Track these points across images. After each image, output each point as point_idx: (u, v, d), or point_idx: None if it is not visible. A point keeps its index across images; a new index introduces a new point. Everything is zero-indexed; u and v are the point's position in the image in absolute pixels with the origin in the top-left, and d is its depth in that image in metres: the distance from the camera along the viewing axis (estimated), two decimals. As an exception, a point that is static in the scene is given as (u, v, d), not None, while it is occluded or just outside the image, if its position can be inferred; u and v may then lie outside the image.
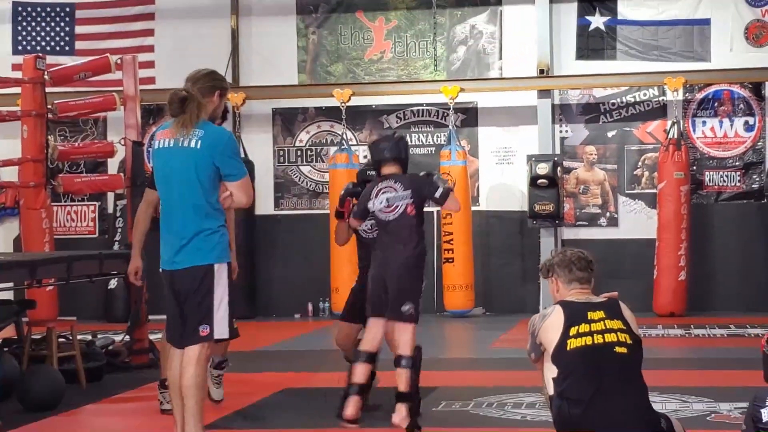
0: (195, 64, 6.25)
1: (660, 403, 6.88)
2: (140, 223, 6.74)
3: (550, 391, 4.97)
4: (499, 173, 14.17)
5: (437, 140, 14.20)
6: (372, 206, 6.42)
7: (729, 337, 10.87)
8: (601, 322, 4.84)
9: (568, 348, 4.88)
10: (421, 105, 14.34)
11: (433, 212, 13.69)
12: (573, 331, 4.88)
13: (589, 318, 4.88)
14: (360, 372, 6.32)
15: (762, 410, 4.49)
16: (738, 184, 13.68)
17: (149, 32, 14.70)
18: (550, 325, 4.98)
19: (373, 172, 6.74)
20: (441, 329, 12.64)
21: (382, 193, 6.41)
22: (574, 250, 5.20)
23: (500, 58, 14.28)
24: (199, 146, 5.44)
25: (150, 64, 14.28)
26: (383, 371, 6.75)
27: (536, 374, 8.55)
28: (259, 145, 14.30)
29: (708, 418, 6.63)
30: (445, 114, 14.00)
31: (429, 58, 14.45)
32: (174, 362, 5.51)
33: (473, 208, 13.78)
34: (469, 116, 14.26)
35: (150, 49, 14.58)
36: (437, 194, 6.42)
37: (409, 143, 14.08)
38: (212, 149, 5.45)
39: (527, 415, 6.87)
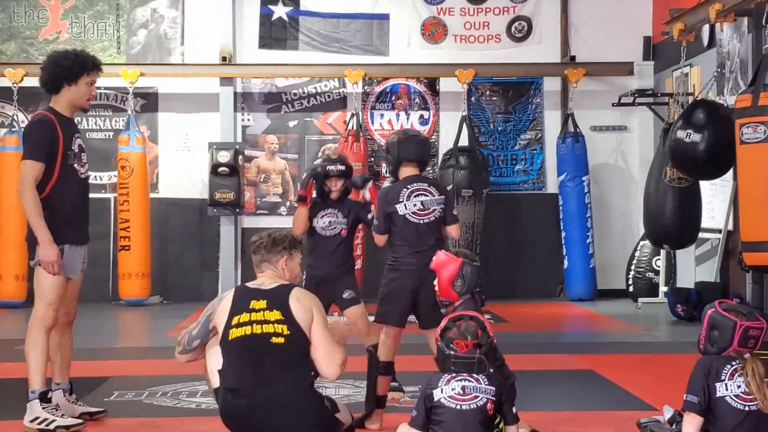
0: None
1: (333, 388, 6.95)
2: None
3: (215, 383, 4.90)
4: (180, 160, 13.95)
5: (116, 125, 13.79)
6: (402, 209, 6.08)
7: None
8: (261, 312, 4.83)
9: (229, 338, 4.86)
10: (99, 88, 13.80)
11: (110, 198, 13.31)
12: (235, 320, 4.87)
13: (251, 307, 4.88)
14: (383, 384, 6.08)
15: (434, 391, 4.60)
16: (413, 175, 14.09)
17: None
18: (223, 308, 4.94)
19: (334, 167, 6.81)
20: (115, 318, 12.30)
21: (415, 196, 6.11)
22: (273, 230, 5.21)
23: (182, 44, 14.06)
24: None
25: None
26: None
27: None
28: None
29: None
30: (125, 98, 13.62)
31: (108, 40, 14.02)
32: None
33: (152, 195, 13.49)
34: (150, 101, 13.95)
35: None
36: (455, 212, 6.29)
37: (86, 128, 13.71)
38: None
39: (202, 403, 6.76)
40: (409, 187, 6.14)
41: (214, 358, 4.92)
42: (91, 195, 6.47)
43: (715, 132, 9.73)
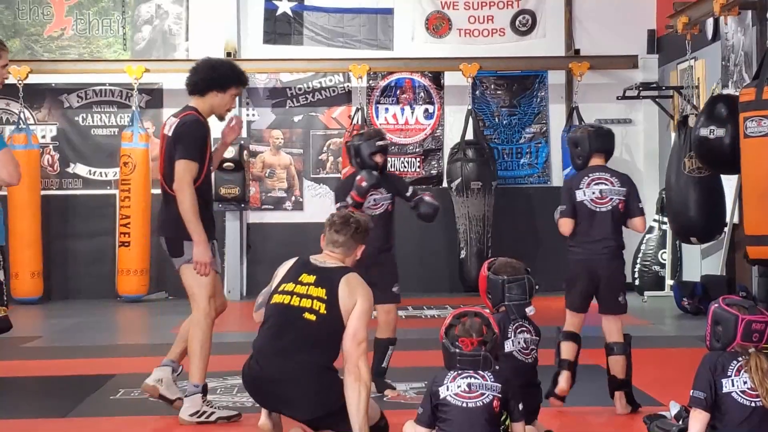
0: None
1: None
2: None
3: None
4: (185, 156, 13.93)
5: (120, 121, 13.79)
6: (581, 195, 6.41)
7: (407, 318, 11.18)
8: (307, 287, 4.92)
9: (271, 302, 5.03)
10: (104, 85, 13.88)
11: (114, 194, 13.29)
12: (282, 287, 5.01)
13: (299, 279, 4.98)
14: (566, 349, 6.46)
15: (440, 388, 4.61)
16: (418, 169, 14.12)
17: None
18: (280, 273, 5.17)
19: (383, 142, 6.92)
20: (119, 315, 12.32)
21: (595, 184, 6.39)
22: (343, 212, 5.32)
23: (187, 40, 14.06)
24: None
25: None
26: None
27: (217, 359, 8.47)
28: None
29: (384, 399, 6.75)
30: (129, 94, 13.63)
31: (113, 36, 14.01)
32: None
33: (155, 191, 13.46)
34: (155, 97, 13.95)
35: None
36: (640, 205, 6.51)
37: (91, 123, 13.72)
38: None
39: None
40: (590, 175, 6.43)
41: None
42: (97, 191, 6.50)
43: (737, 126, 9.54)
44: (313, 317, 4.87)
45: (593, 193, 6.39)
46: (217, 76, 6.29)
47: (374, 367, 6.50)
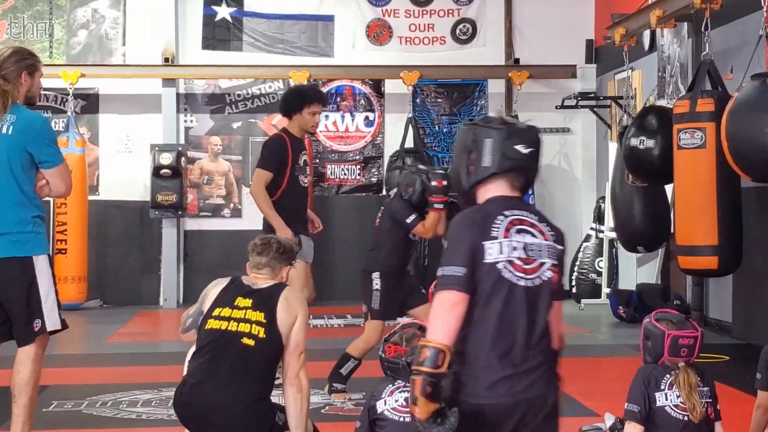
0: None
1: (275, 397, 6.89)
2: None
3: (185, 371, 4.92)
4: (121, 162, 13.81)
5: (56, 127, 13.56)
6: None
7: (346, 327, 11.16)
8: (244, 311, 4.82)
9: (205, 327, 4.86)
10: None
11: (49, 201, 13.09)
12: (216, 311, 4.86)
13: (235, 303, 4.85)
14: None
15: (377, 402, 4.57)
16: (358, 177, 14.11)
17: None
18: (213, 295, 4.97)
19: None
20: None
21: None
22: (264, 235, 5.20)
23: (124, 44, 13.91)
24: (10, 132, 5.16)
25: None
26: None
27: (152, 370, 8.37)
28: None
29: (323, 411, 6.72)
30: (64, 100, 13.46)
31: (48, 40, 13.84)
32: None
33: (91, 198, 13.34)
34: (90, 103, 13.79)
35: None
36: None
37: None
38: (25, 135, 5.18)
39: (143, 413, 6.68)
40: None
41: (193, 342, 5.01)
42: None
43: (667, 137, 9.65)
44: (251, 342, 4.80)
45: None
46: (291, 102, 7.58)
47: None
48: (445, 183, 6.95)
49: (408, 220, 7.12)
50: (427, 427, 3.16)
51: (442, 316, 3.24)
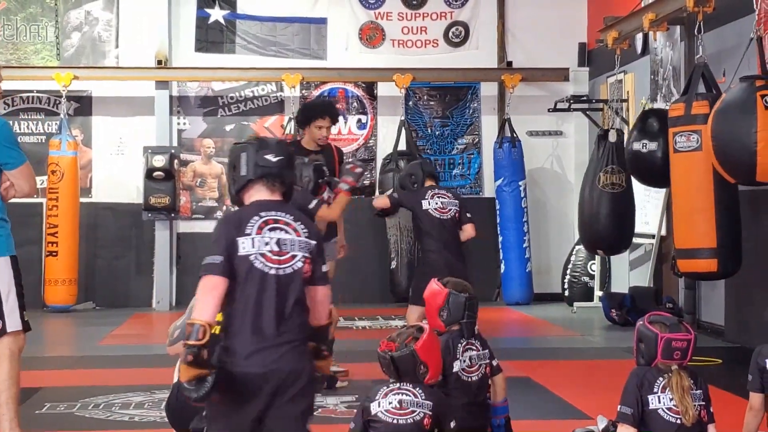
0: None
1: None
2: None
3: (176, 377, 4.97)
4: (114, 164, 13.80)
5: (48, 129, 13.60)
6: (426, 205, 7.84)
7: (337, 330, 11.12)
8: None
9: None
10: (32, 92, 13.68)
11: (36, 204, 13.06)
12: None
13: None
14: None
15: (371, 404, 4.58)
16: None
17: None
18: None
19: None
20: (45, 325, 12.09)
21: (438, 197, 7.93)
22: None
23: (117, 47, 13.90)
24: None
25: None
26: None
27: (145, 372, 8.37)
28: None
29: (315, 413, 6.70)
30: (58, 102, 13.44)
31: (41, 43, 13.82)
32: None
33: (84, 200, 13.31)
34: (83, 105, 13.77)
35: None
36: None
37: (18, 131, 13.49)
38: None
39: (135, 415, 6.68)
40: (431, 191, 7.95)
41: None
42: (23, 200, 6.47)
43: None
44: None
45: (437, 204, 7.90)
46: (298, 117, 8.24)
47: None
48: (358, 169, 7.57)
49: (310, 206, 7.28)
50: (185, 388, 3.78)
51: (204, 297, 3.85)
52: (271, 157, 4.05)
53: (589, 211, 11.08)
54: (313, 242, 4.01)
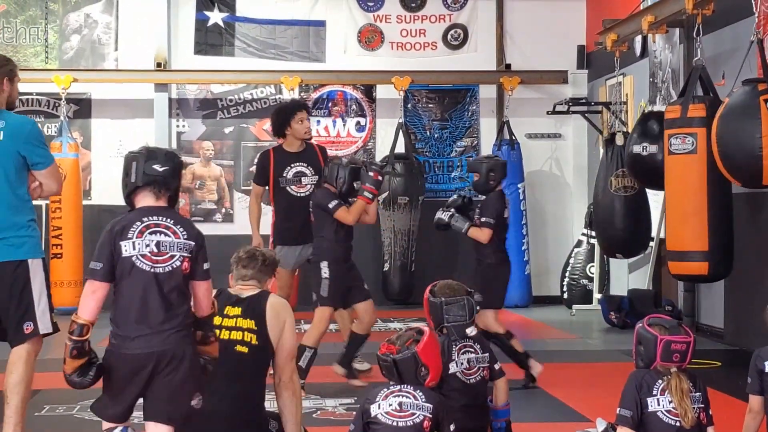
0: None
1: (267, 402, 6.90)
2: None
3: None
4: (114, 167, 13.78)
5: (48, 131, 13.58)
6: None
7: (336, 332, 11.13)
8: (234, 319, 4.88)
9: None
10: (31, 94, 13.69)
11: (42, 205, 13.08)
12: None
13: (224, 312, 4.94)
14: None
15: (371, 406, 4.59)
16: (349, 182, 14.09)
17: None
18: None
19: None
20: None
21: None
22: (248, 248, 5.26)
23: (116, 49, 13.91)
24: (1, 137, 5.24)
25: None
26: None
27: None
28: None
29: (314, 415, 6.72)
30: (57, 104, 13.45)
31: (40, 45, 13.83)
32: None
33: (84, 202, 13.32)
34: (83, 107, 13.79)
35: None
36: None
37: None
38: (16, 139, 5.25)
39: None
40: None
41: None
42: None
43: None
44: (245, 349, 4.84)
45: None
46: (277, 120, 8.17)
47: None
48: (380, 177, 7.58)
49: (330, 206, 7.43)
50: (71, 379, 4.38)
51: (86, 299, 4.40)
52: (157, 167, 4.47)
53: (604, 216, 11.00)
54: (193, 243, 4.40)
